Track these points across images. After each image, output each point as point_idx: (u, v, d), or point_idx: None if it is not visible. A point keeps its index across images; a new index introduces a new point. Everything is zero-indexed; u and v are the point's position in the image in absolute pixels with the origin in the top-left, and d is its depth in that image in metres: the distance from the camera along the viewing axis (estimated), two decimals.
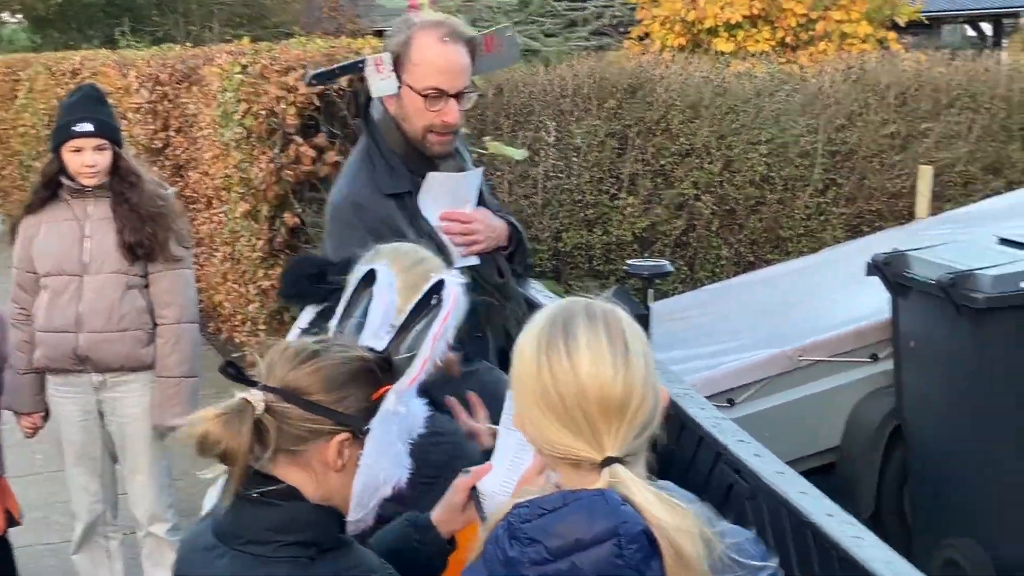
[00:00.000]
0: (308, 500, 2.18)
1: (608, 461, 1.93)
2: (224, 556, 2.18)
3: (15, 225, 4.99)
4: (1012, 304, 5.09)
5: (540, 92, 8.52)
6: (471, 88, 3.60)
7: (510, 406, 2.20)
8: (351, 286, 2.58)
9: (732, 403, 5.76)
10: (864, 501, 5.87)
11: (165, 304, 4.83)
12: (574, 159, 8.43)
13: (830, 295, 6.87)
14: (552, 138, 8.34)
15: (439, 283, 2.49)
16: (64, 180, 4.78)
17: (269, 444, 2.13)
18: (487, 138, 6.74)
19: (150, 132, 10.13)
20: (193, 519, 2.41)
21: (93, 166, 4.72)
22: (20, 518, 4.66)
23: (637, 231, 8.54)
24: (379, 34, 9.71)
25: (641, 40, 15.34)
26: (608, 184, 8.54)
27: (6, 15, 25.33)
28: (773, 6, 14.16)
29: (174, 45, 12.09)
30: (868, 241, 7.84)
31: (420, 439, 2.30)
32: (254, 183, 6.93)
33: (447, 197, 3.58)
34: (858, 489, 5.91)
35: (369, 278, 2.55)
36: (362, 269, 2.61)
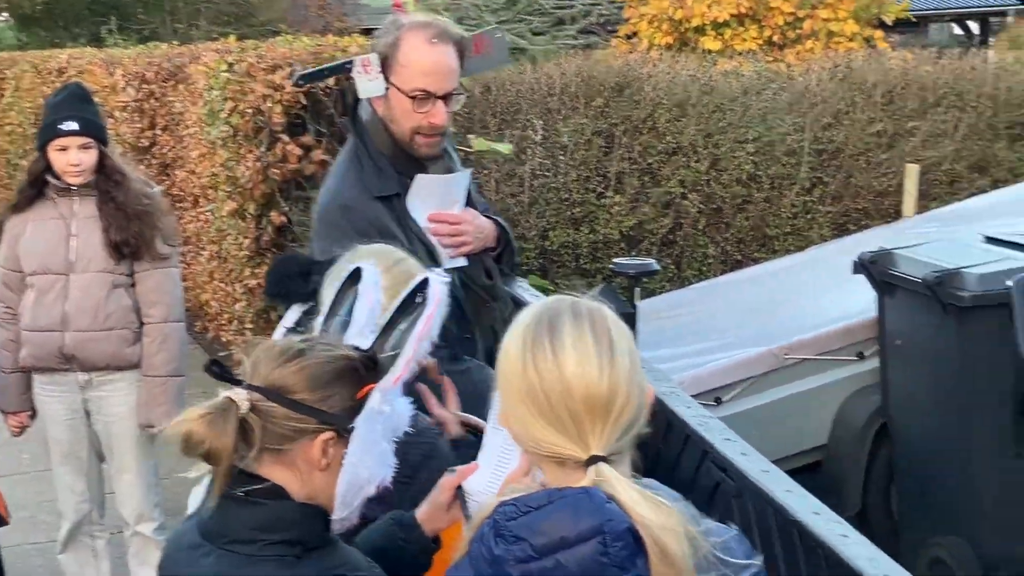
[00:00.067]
0: (293, 499, 2.18)
1: (593, 460, 1.93)
2: (210, 555, 2.18)
3: (1, 224, 4.98)
4: (997, 302, 5.10)
5: (527, 90, 8.51)
6: (459, 90, 3.58)
7: (497, 405, 2.20)
8: (334, 286, 2.57)
9: (719, 401, 5.77)
10: (850, 499, 5.89)
11: (151, 303, 4.82)
12: (561, 157, 8.42)
13: (816, 293, 6.87)
14: (539, 136, 8.33)
15: (423, 282, 2.49)
16: (50, 179, 4.77)
17: (254, 443, 2.13)
18: (471, 136, 6.73)
19: (136, 130, 10.11)
20: (179, 518, 2.41)
21: (78, 165, 4.71)
22: (8, 517, 4.65)
23: (624, 229, 8.53)
24: (366, 32, 9.71)
25: (629, 39, 15.35)
26: (595, 182, 8.53)
27: None
28: (760, 5, 14.18)
29: (161, 43, 12.07)
30: (854, 239, 7.84)
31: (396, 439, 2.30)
32: (241, 181, 6.92)
33: (435, 199, 3.57)
34: (844, 487, 5.92)
35: (355, 276, 2.55)
36: (344, 268, 2.60)
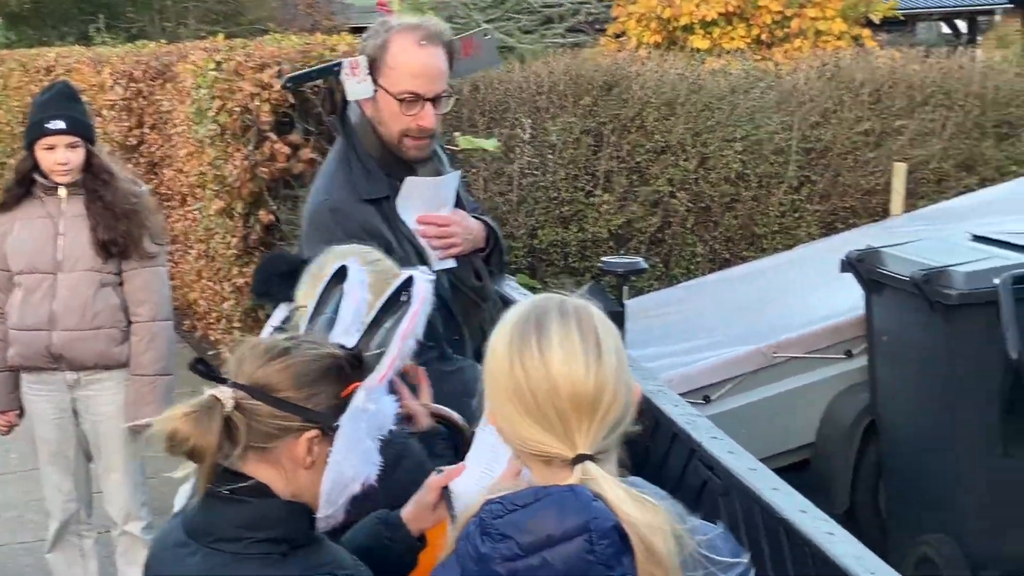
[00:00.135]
0: (278, 497, 2.18)
1: (580, 458, 1.93)
2: (195, 554, 2.18)
3: None
4: (985, 300, 5.10)
5: (516, 89, 8.50)
6: (448, 92, 3.57)
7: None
8: (319, 286, 2.56)
9: (708, 400, 5.78)
10: (839, 497, 5.89)
11: (139, 302, 4.81)
12: (549, 156, 8.42)
13: (805, 292, 6.88)
14: (527, 135, 8.32)
15: (408, 280, 2.49)
16: (38, 177, 4.76)
17: (239, 441, 2.13)
18: (457, 134, 6.73)
19: (124, 129, 10.10)
20: (166, 518, 2.41)
21: (66, 164, 4.70)
22: None
23: (612, 228, 8.52)
24: (355, 31, 9.71)
25: (617, 37, 15.34)
26: (583, 181, 8.53)
27: None
28: (748, 3, 14.17)
29: (149, 42, 12.04)
30: (842, 238, 7.85)
31: None
32: (229, 180, 6.91)
33: (425, 201, 3.56)
34: (833, 485, 5.93)
35: (340, 275, 2.54)
36: (319, 268, 2.60)
